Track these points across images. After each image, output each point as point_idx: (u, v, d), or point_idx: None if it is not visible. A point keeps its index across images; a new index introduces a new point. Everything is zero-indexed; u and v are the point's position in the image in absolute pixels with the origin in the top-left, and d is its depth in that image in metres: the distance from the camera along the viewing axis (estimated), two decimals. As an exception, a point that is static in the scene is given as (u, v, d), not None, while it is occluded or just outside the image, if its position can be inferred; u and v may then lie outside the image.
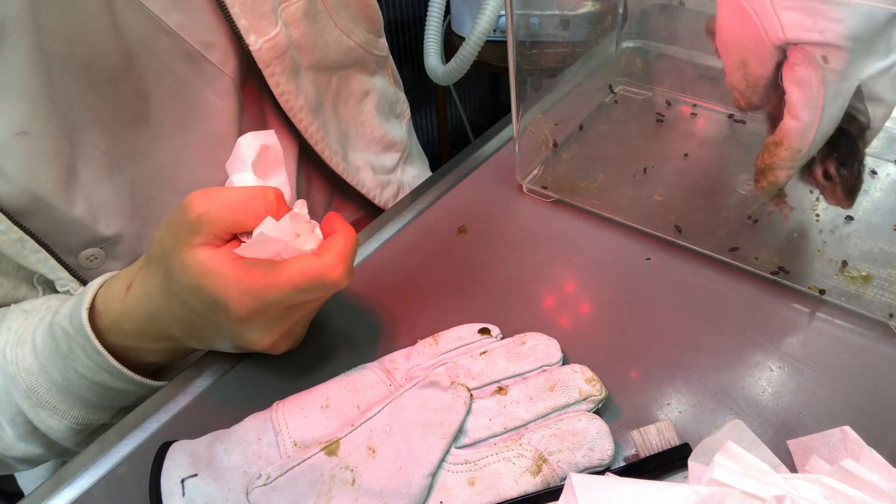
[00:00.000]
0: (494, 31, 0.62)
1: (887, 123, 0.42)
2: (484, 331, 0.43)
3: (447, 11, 1.45)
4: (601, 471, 0.36)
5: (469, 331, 0.43)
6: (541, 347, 0.41)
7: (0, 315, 0.45)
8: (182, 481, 0.33)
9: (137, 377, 0.41)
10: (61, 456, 0.46)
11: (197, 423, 0.40)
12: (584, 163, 0.59)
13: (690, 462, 0.35)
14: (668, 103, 0.62)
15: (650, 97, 0.64)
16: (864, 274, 0.46)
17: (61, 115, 0.42)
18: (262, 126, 0.55)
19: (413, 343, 0.42)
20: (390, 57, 0.67)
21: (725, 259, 0.49)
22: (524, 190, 0.57)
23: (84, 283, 0.47)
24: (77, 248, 0.46)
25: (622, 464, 0.37)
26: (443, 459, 0.36)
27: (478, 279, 0.49)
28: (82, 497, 0.38)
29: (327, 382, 0.40)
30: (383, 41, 0.64)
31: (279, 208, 0.36)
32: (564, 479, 0.35)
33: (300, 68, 0.53)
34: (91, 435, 0.56)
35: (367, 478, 0.35)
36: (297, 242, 0.37)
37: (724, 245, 0.49)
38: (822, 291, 0.46)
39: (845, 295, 0.45)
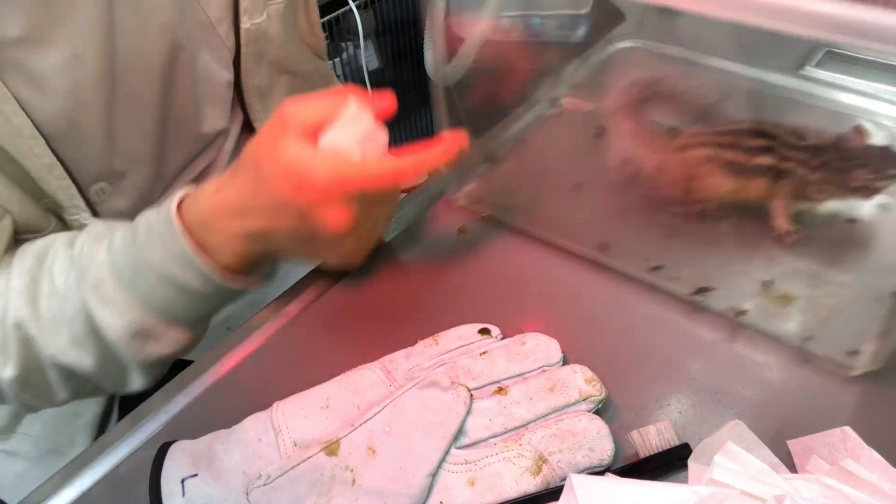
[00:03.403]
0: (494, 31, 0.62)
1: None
2: (484, 331, 0.43)
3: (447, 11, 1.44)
4: (601, 471, 0.36)
5: (469, 331, 0.43)
6: (541, 348, 0.41)
7: (71, 236, 0.46)
8: (182, 481, 0.33)
9: (205, 265, 0.41)
10: (101, 379, 0.46)
11: (197, 423, 0.40)
12: (519, 177, 0.58)
13: (690, 462, 0.35)
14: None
15: (593, 110, 0.63)
16: (786, 294, 0.45)
17: (111, 50, 0.46)
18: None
19: (413, 343, 0.42)
20: (335, 78, 0.74)
21: (647, 278, 0.47)
22: (457, 205, 0.56)
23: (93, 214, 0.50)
24: (90, 180, 0.49)
25: (622, 464, 0.37)
26: (443, 459, 0.36)
27: (478, 279, 0.49)
28: (82, 497, 0.38)
29: (327, 382, 0.40)
30: (325, 64, 0.71)
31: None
32: (564, 479, 0.35)
33: (264, 58, 0.59)
34: (102, 426, 0.57)
35: (367, 478, 0.35)
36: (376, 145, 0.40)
37: (649, 263, 0.47)
38: (740, 313, 0.44)
39: (765, 316, 0.44)
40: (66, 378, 0.44)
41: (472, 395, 0.38)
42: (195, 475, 0.34)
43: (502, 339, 0.43)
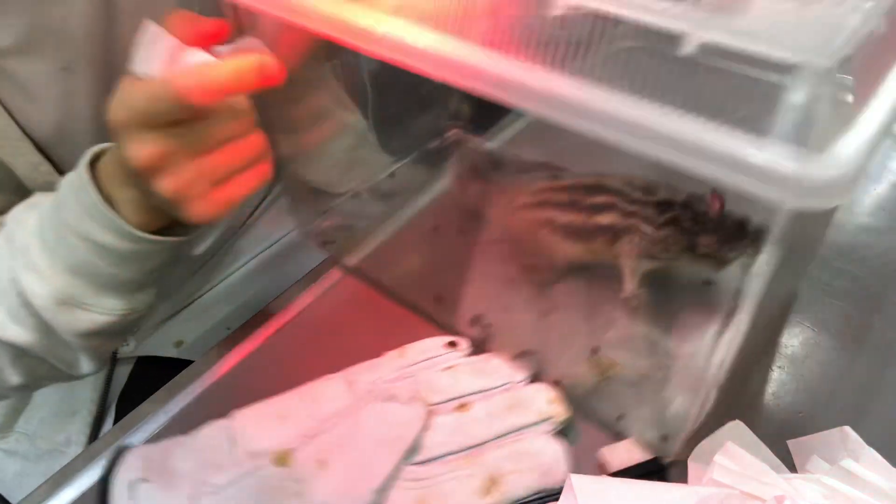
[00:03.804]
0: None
1: None
2: (451, 344, 0.42)
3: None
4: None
5: (436, 344, 0.42)
6: (507, 365, 0.40)
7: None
8: (133, 485, 0.34)
9: (113, 217, 0.38)
10: (49, 357, 0.44)
11: (195, 424, 0.39)
12: (375, 215, 0.54)
13: (690, 462, 0.34)
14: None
15: (476, 143, 0.58)
16: (610, 364, 0.41)
17: (108, 60, 0.46)
18: None
19: (380, 354, 0.42)
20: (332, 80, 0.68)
21: (472, 333, 0.44)
22: (302, 236, 0.53)
23: None
24: None
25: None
26: (394, 475, 0.35)
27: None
28: (82, 497, 0.39)
29: (289, 392, 0.40)
30: (324, 66, 0.65)
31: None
32: (515, 501, 0.34)
33: None
34: (95, 429, 0.58)
35: (315, 491, 0.35)
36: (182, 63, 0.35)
37: (479, 320, 0.44)
38: (555, 383, 0.40)
39: (583, 387, 0.40)
40: (13, 358, 0.43)
41: (430, 411, 0.38)
42: (146, 480, 0.34)
43: (471, 353, 0.42)
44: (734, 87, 0.19)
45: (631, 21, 0.20)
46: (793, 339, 0.42)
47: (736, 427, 0.36)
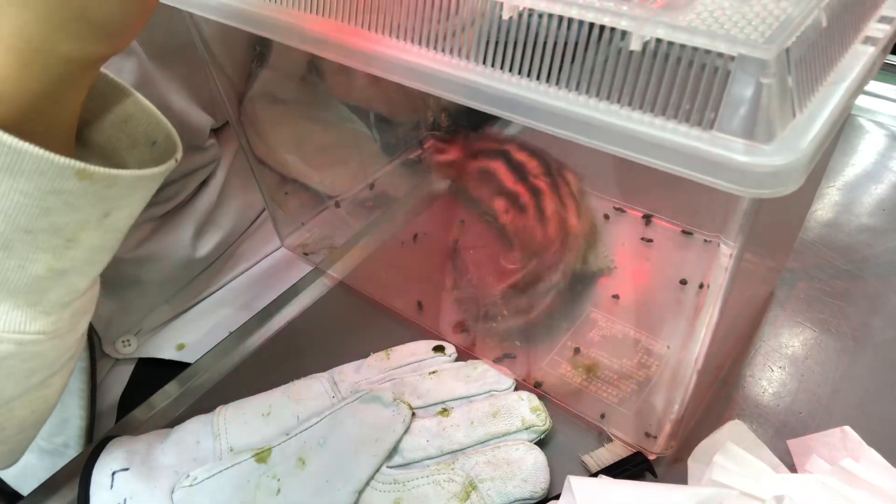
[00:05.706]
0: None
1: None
2: (438, 348, 0.42)
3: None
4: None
5: (423, 347, 0.42)
6: (493, 372, 0.40)
7: None
8: (113, 474, 0.34)
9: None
10: None
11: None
12: (357, 224, 0.54)
13: (690, 462, 0.34)
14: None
15: (454, 159, 0.56)
16: (589, 364, 0.41)
17: None
18: None
19: (366, 356, 0.42)
20: None
21: (453, 339, 0.44)
22: (284, 248, 0.52)
23: None
24: None
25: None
26: (372, 477, 0.35)
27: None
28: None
29: (274, 390, 0.40)
30: None
31: None
32: (493, 508, 0.34)
33: None
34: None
35: (292, 489, 0.35)
36: None
37: (455, 325, 0.44)
38: (537, 384, 0.41)
39: (565, 387, 0.40)
40: None
41: (413, 414, 0.37)
42: (126, 469, 0.35)
43: (457, 358, 0.42)
44: (681, 81, 0.19)
45: (579, 20, 0.20)
46: (793, 339, 0.42)
47: (735, 427, 0.36)
